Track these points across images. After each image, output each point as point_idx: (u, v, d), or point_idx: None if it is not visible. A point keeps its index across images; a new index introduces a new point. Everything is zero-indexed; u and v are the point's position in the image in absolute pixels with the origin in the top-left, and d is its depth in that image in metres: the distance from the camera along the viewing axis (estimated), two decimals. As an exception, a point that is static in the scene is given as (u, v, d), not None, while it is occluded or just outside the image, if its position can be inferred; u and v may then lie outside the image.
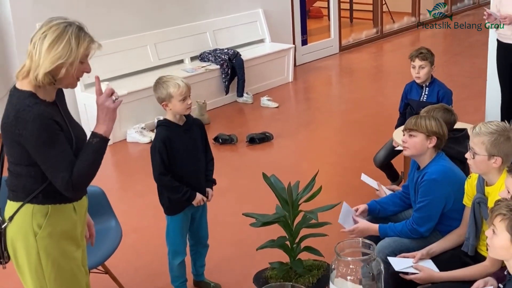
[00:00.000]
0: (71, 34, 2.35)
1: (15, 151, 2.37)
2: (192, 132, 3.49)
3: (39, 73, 2.31)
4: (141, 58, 6.96)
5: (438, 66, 8.24)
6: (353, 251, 2.47)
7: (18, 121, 2.28)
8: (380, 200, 3.44)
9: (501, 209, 2.26)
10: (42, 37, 2.32)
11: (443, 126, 3.20)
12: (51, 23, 2.37)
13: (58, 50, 2.30)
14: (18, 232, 2.43)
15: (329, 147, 6.21)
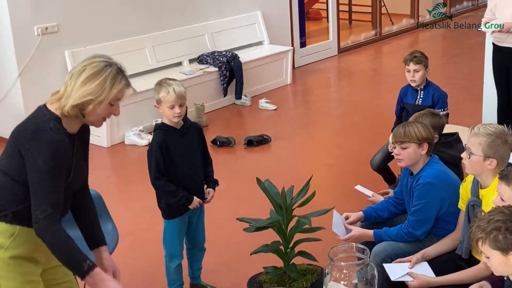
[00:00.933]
0: (108, 74, 2.35)
1: (12, 161, 2.32)
2: (189, 136, 3.50)
3: (67, 103, 2.32)
4: (140, 61, 6.96)
5: (436, 68, 8.29)
6: (347, 256, 2.48)
7: (34, 137, 2.25)
8: (375, 207, 3.45)
9: (476, 234, 2.25)
10: (81, 70, 2.34)
11: (430, 128, 3.22)
12: (93, 59, 2.38)
13: (91, 86, 2.32)
14: None
15: (327, 150, 6.22)
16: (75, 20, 6.43)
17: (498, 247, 2.23)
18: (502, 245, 2.23)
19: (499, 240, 2.22)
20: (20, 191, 2.31)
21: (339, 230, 3.20)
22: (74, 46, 6.42)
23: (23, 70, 6.10)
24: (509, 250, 2.24)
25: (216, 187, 3.62)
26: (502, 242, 2.22)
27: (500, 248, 2.23)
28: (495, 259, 2.27)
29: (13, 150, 2.30)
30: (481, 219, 2.31)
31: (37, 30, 6.14)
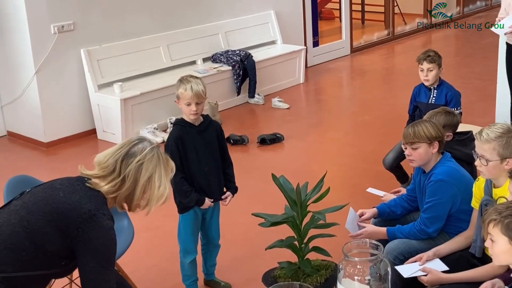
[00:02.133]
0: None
1: (45, 229, 2.16)
2: (207, 134, 3.52)
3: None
4: (154, 59, 7.03)
5: (449, 68, 8.29)
6: (361, 252, 2.51)
7: (92, 220, 2.14)
8: (388, 204, 3.49)
9: (491, 215, 2.28)
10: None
11: (439, 126, 3.23)
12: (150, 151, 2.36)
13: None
14: None
15: (339, 149, 6.25)
16: (91, 19, 6.50)
17: (508, 234, 2.25)
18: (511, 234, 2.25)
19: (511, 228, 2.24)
20: (27, 256, 2.14)
21: (352, 227, 3.24)
22: (89, 45, 6.49)
23: (39, 68, 6.18)
24: None
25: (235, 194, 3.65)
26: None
27: (510, 236, 2.25)
28: (501, 245, 2.28)
29: (51, 220, 2.15)
30: (500, 204, 2.35)
31: (54, 28, 6.21)
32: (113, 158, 2.27)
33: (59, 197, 2.20)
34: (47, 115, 6.31)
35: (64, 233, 2.15)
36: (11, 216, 2.19)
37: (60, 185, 2.27)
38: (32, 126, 6.45)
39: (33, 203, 2.21)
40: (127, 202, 2.31)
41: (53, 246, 2.14)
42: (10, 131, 6.76)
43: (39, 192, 2.27)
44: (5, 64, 6.47)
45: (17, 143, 6.60)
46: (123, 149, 2.29)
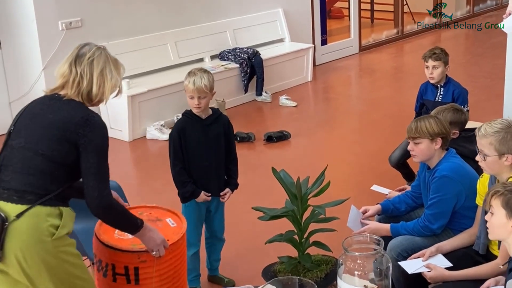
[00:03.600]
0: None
1: (58, 148, 2.46)
2: (213, 128, 3.51)
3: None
4: (162, 56, 7.04)
5: (458, 67, 8.24)
6: (361, 247, 2.49)
7: (87, 123, 2.46)
8: (393, 200, 3.47)
9: (496, 187, 2.32)
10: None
11: (443, 122, 3.21)
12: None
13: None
14: (30, 235, 2.40)
15: (346, 147, 6.23)
16: (99, 16, 6.52)
17: (506, 208, 2.30)
18: (510, 209, 2.29)
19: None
20: (61, 174, 2.48)
21: (354, 225, 3.21)
22: (97, 41, 6.33)
23: (47, 64, 6.20)
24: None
25: (234, 190, 3.64)
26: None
27: (508, 210, 2.30)
28: (498, 217, 2.34)
29: (58, 138, 2.46)
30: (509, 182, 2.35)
31: (62, 25, 6.23)
32: (67, 62, 2.59)
33: (50, 118, 2.51)
34: (55, 111, 6.32)
35: (71, 143, 2.46)
36: (24, 152, 2.49)
37: (41, 110, 2.56)
38: (40, 122, 6.47)
39: (34, 134, 2.51)
40: (89, 99, 2.58)
41: (71, 158, 2.48)
42: (18, 127, 6.78)
43: (29, 124, 2.55)
44: (13, 60, 6.50)
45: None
46: (73, 53, 2.61)
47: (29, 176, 2.46)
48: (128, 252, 2.66)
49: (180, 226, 2.84)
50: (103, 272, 2.73)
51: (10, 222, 2.39)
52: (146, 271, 2.66)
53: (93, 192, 2.45)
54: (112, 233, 2.78)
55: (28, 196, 2.43)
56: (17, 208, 2.41)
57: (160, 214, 2.94)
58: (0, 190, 2.46)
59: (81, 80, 2.54)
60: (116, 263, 2.68)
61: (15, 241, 2.41)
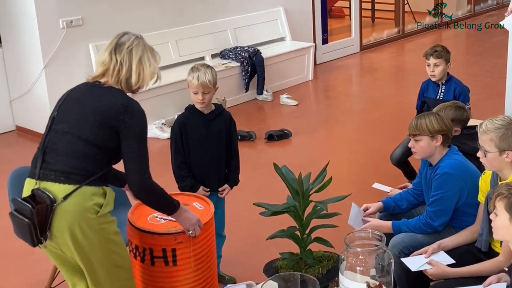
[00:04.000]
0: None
1: (99, 133, 2.58)
2: (214, 123, 3.51)
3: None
4: (162, 55, 6.84)
5: (459, 66, 8.23)
6: (363, 243, 2.49)
7: (127, 110, 2.58)
8: (394, 197, 3.46)
9: (501, 189, 2.32)
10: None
11: (444, 119, 3.19)
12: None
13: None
14: (76, 213, 2.54)
15: (347, 145, 6.23)
16: (100, 14, 6.51)
17: (509, 211, 2.30)
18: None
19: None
20: (103, 158, 2.62)
21: (355, 223, 3.20)
22: (98, 39, 6.50)
23: (48, 62, 6.20)
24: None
25: (234, 187, 3.64)
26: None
27: (511, 214, 2.30)
28: (502, 219, 2.34)
29: (99, 124, 2.59)
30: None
31: (62, 23, 6.23)
32: (107, 51, 2.70)
33: (92, 104, 2.62)
34: (55, 109, 6.31)
35: (112, 129, 2.59)
36: (68, 137, 2.60)
37: (83, 96, 2.67)
38: (41, 121, 6.44)
39: (76, 119, 2.62)
40: (129, 87, 2.70)
41: (111, 143, 2.61)
42: (19, 125, 6.78)
43: (72, 110, 2.66)
44: (14, 58, 6.50)
45: (26, 137, 6.62)
46: (112, 42, 2.73)
47: (73, 159, 2.57)
48: (165, 234, 2.80)
49: (208, 208, 2.99)
50: (141, 257, 2.88)
51: (58, 203, 2.52)
52: (183, 251, 2.80)
53: (134, 175, 2.60)
54: (145, 219, 2.93)
55: (74, 177, 2.56)
56: (65, 188, 2.54)
57: (187, 200, 3.07)
58: (46, 172, 2.58)
59: (121, 68, 2.66)
60: (153, 247, 2.81)
61: (63, 220, 2.53)
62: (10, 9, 6.31)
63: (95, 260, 2.63)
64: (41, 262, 4.02)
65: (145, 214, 2.95)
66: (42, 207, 2.50)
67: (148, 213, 2.97)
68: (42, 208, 2.50)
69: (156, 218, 2.94)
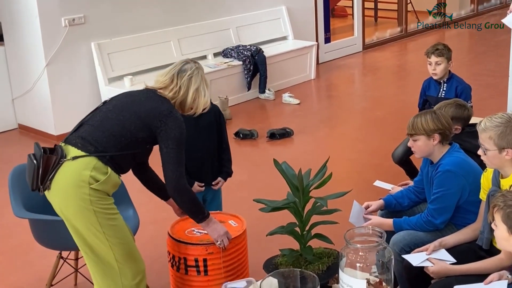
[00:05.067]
0: None
1: (136, 122, 2.83)
2: (203, 118, 3.50)
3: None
4: (164, 53, 7.02)
5: (462, 65, 8.22)
6: (364, 240, 2.48)
7: (171, 114, 2.86)
8: (395, 195, 3.44)
9: (497, 200, 2.31)
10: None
11: (442, 118, 3.16)
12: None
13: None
14: (74, 174, 2.76)
15: (349, 144, 6.21)
16: (102, 12, 6.51)
17: (507, 223, 2.29)
18: (511, 224, 2.29)
19: (511, 218, 2.25)
20: (126, 141, 2.85)
21: (357, 220, 3.19)
22: (100, 38, 6.51)
23: (50, 61, 6.20)
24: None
25: (228, 178, 3.65)
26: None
27: (508, 226, 2.30)
28: (501, 231, 2.34)
29: (140, 117, 2.85)
30: (510, 192, 2.38)
31: (65, 21, 6.23)
32: (170, 73, 2.98)
33: (142, 100, 2.92)
34: (57, 108, 6.32)
35: (150, 125, 2.84)
36: (108, 114, 2.90)
37: (137, 93, 3.01)
38: (43, 119, 6.47)
39: (122, 105, 2.92)
40: (181, 107, 3.01)
41: (142, 134, 2.86)
42: (21, 124, 6.79)
43: (122, 98, 2.99)
44: (16, 57, 6.50)
45: (28, 136, 6.63)
46: (176, 67, 3.00)
47: (98, 132, 2.84)
48: (197, 244, 3.04)
49: (241, 225, 3.21)
50: (177, 266, 3.12)
51: (65, 160, 2.78)
52: (214, 262, 3.02)
53: (172, 174, 2.85)
54: (183, 232, 3.18)
55: (89, 146, 2.80)
56: (77, 152, 2.80)
57: (223, 218, 3.30)
58: (72, 137, 2.88)
59: (179, 91, 2.96)
60: (187, 256, 3.06)
61: (62, 177, 2.78)
62: (12, 7, 6.32)
63: (79, 227, 2.81)
64: (42, 259, 4.02)
65: (184, 228, 3.21)
66: (51, 157, 2.79)
67: (187, 228, 3.22)
68: (51, 158, 2.78)
69: (193, 231, 3.18)
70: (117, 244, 2.86)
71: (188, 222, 3.24)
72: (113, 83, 6.50)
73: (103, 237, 2.82)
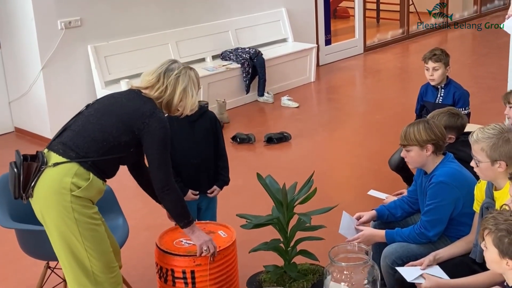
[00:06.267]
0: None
1: (118, 125, 2.79)
2: (199, 124, 3.46)
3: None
4: (163, 56, 6.93)
5: (463, 67, 8.13)
6: (349, 256, 2.41)
7: (153, 115, 2.79)
8: (388, 206, 3.37)
9: (488, 223, 2.24)
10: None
11: (435, 127, 3.09)
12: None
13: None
14: (55, 181, 2.73)
15: (347, 148, 6.15)
16: (98, 15, 6.46)
17: (498, 247, 2.23)
18: (502, 248, 2.22)
19: (503, 242, 2.21)
20: (108, 145, 2.79)
21: (348, 232, 3.11)
22: (97, 41, 6.45)
23: (46, 63, 6.15)
24: (506, 256, 2.22)
25: (224, 186, 3.58)
26: (504, 245, 2.21)
27: (500, 249, 2.23)
28: (492, 254, 2.27)
29: (122, 119, 2.79)
30: (500, 213, 2.29)
31: (61, 24, 6.18)
32: (157, 72, 2.91)
33: (123, 102, 2.85)
34: (54, 111, 6.27)
35: (132, 128, 2.79)
36: (89, 118, 2.85)
37: (119, 95, 2.94)
38: (39, 122, 6.43)
39: (104, 109, 2.87)
40: (168, 108, 2.92)
41: (125, 138, 2.80)
42: (17, 127, 6.74)
43: (104, 101, 2.94)
44: (13, 59, 6.46)
45: (24, 139, 6.58)
46: (163, 66, 2.94)
47: (80, 138, 2.80)
48: (185, 256, 2.99)
49: (231, 236, 3.13)
50: (164, 278, 3.07)
51: (46, 167, 2.74)
52: (202, 274, 2.96)
53: (158, 174, 2.81)
54: (171, 243, 3.14)
55: (70, 152, 2.76)
56: (58, 159, 2.76)
57: (213, 228, 3.25)
58: (55, 143, 2.83)
59: (165, 90, 2.87)
60: (174, 268, 3.01)
61: (43, 185, 2.75)
62: (8, 9, 6.27)
63: (58, 235, 2.77)
64: (32, 267, 3.97)
65: (172, 239, 3.16)
66: (32, 164, 2.75)
67: (175, 238, 3.17)
68: (32, 165, 2.75)
69: (181, 242, 3.12)
70: (95, 256, 2.82)
71: (177, 232, 3.18)
72: (110, 86, 6.45)
73: (81, 247, 2.78)
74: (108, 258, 2.87)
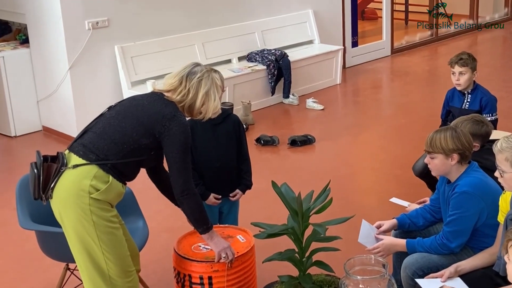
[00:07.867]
0: None
1: (138, 128, 2.78)
2: (222, 127, 3.44)
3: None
4: (189, 57, 6.94)
5: (493, 71, 7.98)
6: (365, 269, 2.37)
7: (174, 119, 2.78)
8: (410, 214, 3.30)
9: (511, 234, 2.16)
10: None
11: (462, 136, 3.00)
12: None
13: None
14: (74, 183, 2.73)
15: (371, 152, 6.08)
16: (126, 16, 6.50)
17: None
18: None
19: None
20: (128, 148, 2.79)
21: (367, 241, 3.05)
22: (123, 41, 6.49)
23: (73, 63, 6.21)
24: None
25: (246, 190, 3.55)
26: None
27: None
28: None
29: (143, 122, 2.79)
30: None
31: (88, 24, 6.23)
32: (179, 76, 2.90)
33: (145, 105, 2.84)
34: (80, 111, 6.33)
35: (153, 130, 2.78)
36: (110, 121, 2.85)
37: (141, 97, 2.93)
38: (66, 122, 6.49)
39: (125, 111, 2.86)
40: (190, 111, 2.92)
41: (145, 140, 2.79)
42: (45, 126, 6.82)
43: (125, 103, 2.94)
44: (41, 59, 6.53)
45: (52, 138, 6.65)
46: (186, 69, 2.92)
47: (101, 140, 2.79)
48: (203, 262, 2.97)
49: (249, 241, 3.09)
50: (182, 283, 3.06)
51: (66, 168, 2.74)
52: (219, 280, 2.94)
53: (178, 178, 2.79)
54: (189, 248, 3.13)
55: (90, 154, 2.76)
56: (78, 160, 2.76)
57: (232, 232, 3.23)
58: (76, 145, 2.84)
59: (187, 94, 2.86)
60: (192, 273, 3.00)
61: (62, 186, 2.75)
62: (37, 9, 6.34)
63: (76, 237, 2.77)
64: (53, 267, 4.00)
65: (190, 244, 3.15)
66: (51, 165, 2.75)
67: (193, 243, 3.16)
68: (52, 166, 2.75)
69: (199, 247, 3.12)
70: (112, 260, 2.82)
71: (195, 237, 3.17)
72: (136, 86, 6.48)
73: (99, 250, 2.78)
74: (125, 262, 2.87)
